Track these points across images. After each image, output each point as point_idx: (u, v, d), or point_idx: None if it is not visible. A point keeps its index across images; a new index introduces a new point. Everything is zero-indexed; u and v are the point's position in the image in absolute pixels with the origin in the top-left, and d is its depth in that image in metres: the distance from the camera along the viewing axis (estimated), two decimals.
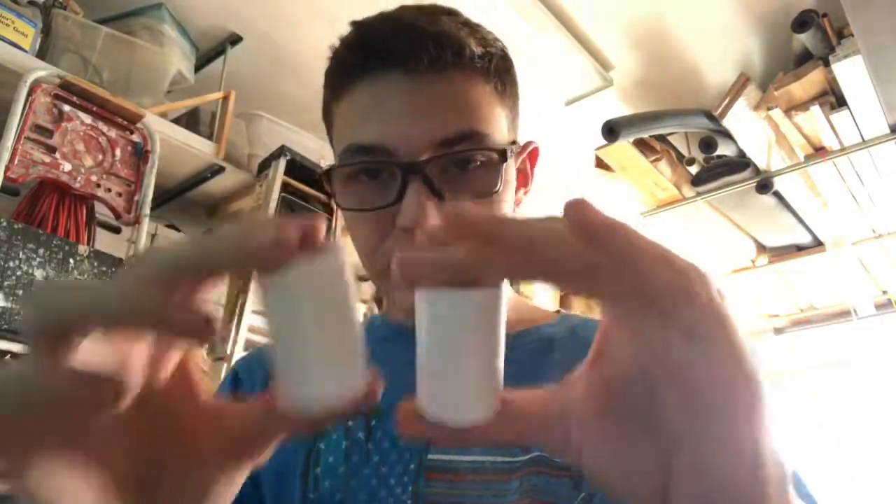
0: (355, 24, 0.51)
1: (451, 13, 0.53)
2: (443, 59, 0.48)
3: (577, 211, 0.23)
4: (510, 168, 0.53)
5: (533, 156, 0.59)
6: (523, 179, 0.59)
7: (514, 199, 0.55)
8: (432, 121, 0.48)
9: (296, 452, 0.52)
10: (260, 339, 1.89)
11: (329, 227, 2.08)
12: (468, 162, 0.49)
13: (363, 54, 0.50)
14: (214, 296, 1.69)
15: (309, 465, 0.51)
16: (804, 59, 1.92)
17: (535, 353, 0.54)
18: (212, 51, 2.05)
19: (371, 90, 0.49)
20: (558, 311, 0.61)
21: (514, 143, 0.54)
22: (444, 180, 0.48)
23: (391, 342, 0.59)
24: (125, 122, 1.63)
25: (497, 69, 0.52)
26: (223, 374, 1.71)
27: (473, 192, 0.49)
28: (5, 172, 1.37)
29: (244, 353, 1.72)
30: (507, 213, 0.51)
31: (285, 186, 1.94)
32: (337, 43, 0.53)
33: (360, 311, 2.04)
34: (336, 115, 0.53)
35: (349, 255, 0.26)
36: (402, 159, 0.48)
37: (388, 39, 0.48)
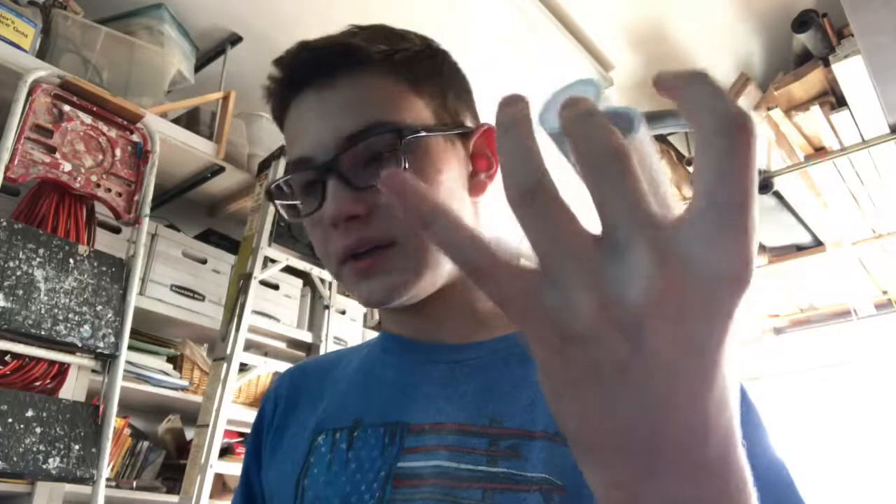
0: (275, 61, 0.56)
1: (367, 28, 0.57)
2: (339, 66, 0.53)
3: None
4: (439, 150, 0.54)
5: (489, 137, 0.59)
6: (485, 163, 0.59)
7: (458, 182, 0.55)
8: (336, 121, 0.52)
9: (294, 465, 0.55)
10: (260, 339, 1.89)
11: None
12: (378, 152, 0.51)
13: (282, 87, 0.56)
14: (215, 296, 1.69)
15: (300, 478, 0.54)
16: (804, 59, 1.93)
17: (521, 355, 0.54)
18: (212, 51, 2.05)
19: (293, 114, 0.55)
20: None
21: (444, 125, 0.55)
22: (358, 173, 0.51)
23: (386, 352, 0.60)
24: (125, 122, 1.64)
25: (404, 62, 0.55)
26: (269, 383, 1.72)
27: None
28: (5, 172, 1.37)
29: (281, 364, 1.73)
30: (439, 195, 0.52)
31: None
32: (268, 84, 0.58)
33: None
34: (286, 147, 0.59)
35: None
36: (318, 163, 0.52)
37: (297, 65, 0.54)
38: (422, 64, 0.56)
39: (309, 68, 0.53)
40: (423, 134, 0.52)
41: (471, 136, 0.58)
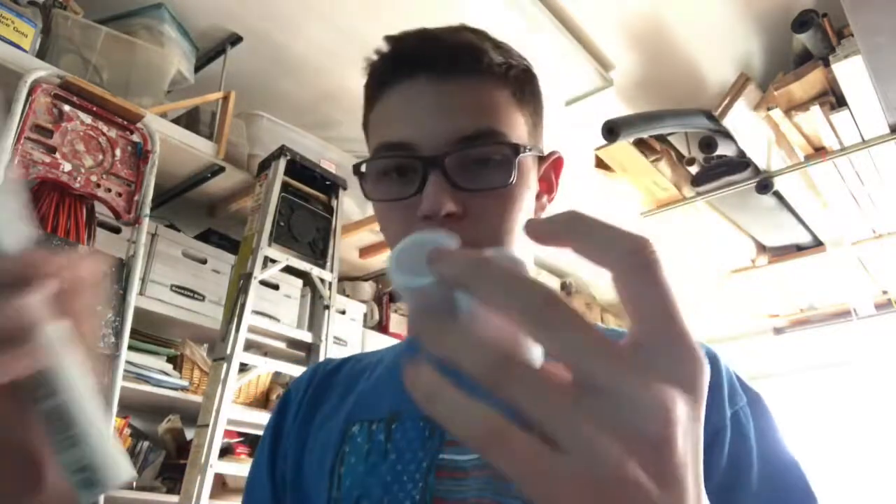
0: (387, 37, 0.57)
1: (476, 31, 0.58)
2: (462, 64, 0.53)
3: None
4: (528, 169, 0.57)
5: (557, 165, 0.63)
6: (547, 187, 0.62)
7: (532, 202, 0.58)
8: (452, 119, 0.52)
9: (325, 453, 0.56)
10: (260, 339, 1.89)
11: (330, 227, 2.08)
12: (485, 158, 0.53)
13: (393, 64, 0.55)
14: (215, 296, 1.68)
15: (335, 466, 0.55)
16: (804, 59, 1.92)
17: None
18: (212, 51, 2.05)
19: (399, 95, 0.55)
20: None
21: (533, 148, 0.58)
22: (463, 174, 0.52)
23: (411, 354, 0.61)
24: (125, 122, 1.64)
25: (517, 78, 0.57)
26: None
27: (487, 184, 0.53)
28: (5, 172, 1.37)
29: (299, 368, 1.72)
30: (521, 210, 0.55)
31: (285, 186, 1.94)
32: (372, 56, 0.58)
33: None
34: (371, 120, 0.58)
35: None
36: (424, 154, 0.52)
37: (415, 49, 0.55)
38: (529, 83, 0.59)
39: (430, 56, 0.53)
40: (529, 153, 0.55)
41: (545, 160, 0.61)
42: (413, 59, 0.54)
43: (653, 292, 0.23)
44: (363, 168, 0.56)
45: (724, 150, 2.16)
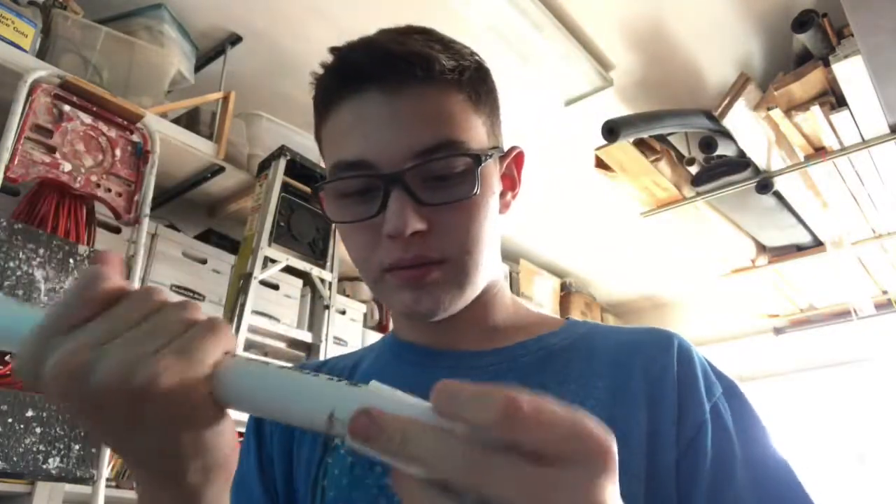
0: (333, 49, 0.55)
1: (425, 32, 0.56)
2: (414, 74, 0.51)
3: None
4: (490, 174, 0.55)
5: (518, 160, 0.62)
6: (510, 183, 0.61)
7: (496, 202, 0.57)
8: (409, 133, 0.51)
9: (309, 466, 0.55)
10: (260, 339, 1.89)
11: (330, 227, 2.08)
12: (446, 169, 0.51)
13: (342, 77, 0.53)
14: (215, 296, 1.69)
15: (318, 478, 0.54)
16: (804, 59, 1.92)
17: (534, 364, 0.55)
18: (212, 51, 2.05)
19: (351, 110, 0.53)
20: (567, 318, 0.63)
21: (494, 148, 0.57)
22: (425, 188, 0.51)
23: (401, 360, 0.60)
24: (125, 122, 1.64)
25: (470, 80, 0.55)
26: None
27: (451, 197, 0.52)
28: (5, 172, 1.37)
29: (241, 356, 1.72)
30: (487, 217, 0.54)
31: (285, 186, 1.94)
32: (319, 69, 0.56)
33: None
34: (324, 135, 0.57)
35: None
36: (383, 171, 0.51)
37: (363, 61, 0.52)
38: (482, 83, 0.57)
39: (379, 68, 0.52)
40: (490, 158, 0.54)
41: (505, 156, 0.60)
42: (362, 73, 0.52)
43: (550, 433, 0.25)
44: (321, 191, 0.55)
45: (724, 150, 2.16)
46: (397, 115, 0.51)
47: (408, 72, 0.51)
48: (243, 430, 0.62)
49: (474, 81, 0.55)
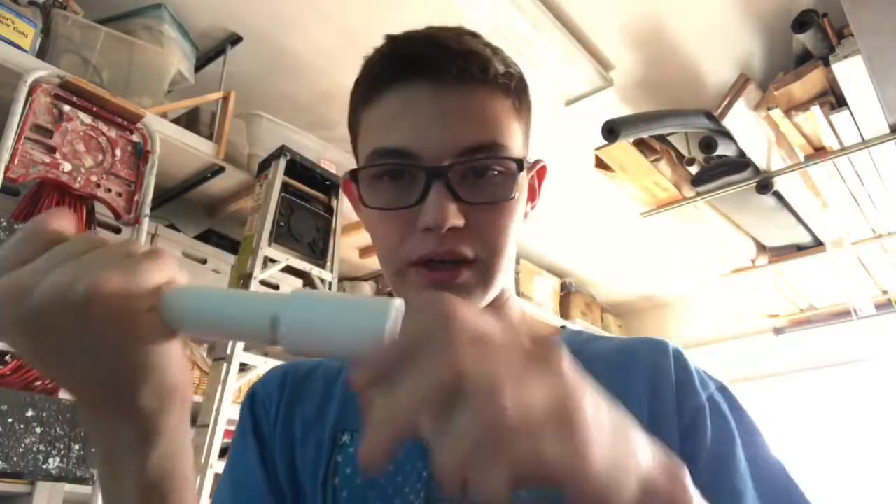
0: (389, 37, 0.55)
1: (475, 35, 0.57)
2: (469, 73, 0.52)
3: None
4: (524, 181, 0.57)
5: (541, 173, 0.64)
6: (531, 194, 0.62)
7: (524, 210, 0.58)
8: (456, 129, 0.51)
9: (316, 466, 0.55)
10: None
11: (330, 227, 2.08)
12: (487, 170, 0.52)
13: (395, 64, 0.53)
14: None
15: (328, 477, 0.54)
16: (804, 59, 1.92)
17: None
18: (212, 51, 2.05)
19: (400, 98, 0.53)
20: (562, 328, 0.64)
21: (525, 159, 0.58)
22: (464, 186, 0.51)
23: None
24: (125, 122, 1.63)
25: (516, 88, 0.56)
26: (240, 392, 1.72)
27: (490, 198, 0.52)
28: (5, 172, 1.37)
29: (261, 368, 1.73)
30: (517, 221, 0.55)
31: (285, 186, 1.94)
32: (370, 52, 0.56)
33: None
34: (364, 120, 0.56)
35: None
36: (426, 163, 0.51)
37: (419, 52, 0.52)
38: (524, 93, 0.58)
39: (436, 61, 0.52)
40: (526, 166, 0.55)
41: (531, 168, 0.61)
42: (418, 63, 0.52)
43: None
44: (359, 173, 0.54)
45: (724, 150, 2.16)
46: (447, 110, 0.51)
47: (465, 69, 0.52)
48: (233, 428, 0.62)
49: (519, 90, 0.57)
